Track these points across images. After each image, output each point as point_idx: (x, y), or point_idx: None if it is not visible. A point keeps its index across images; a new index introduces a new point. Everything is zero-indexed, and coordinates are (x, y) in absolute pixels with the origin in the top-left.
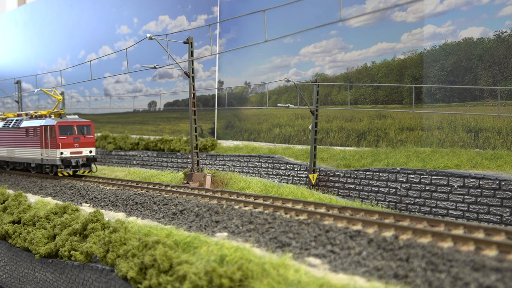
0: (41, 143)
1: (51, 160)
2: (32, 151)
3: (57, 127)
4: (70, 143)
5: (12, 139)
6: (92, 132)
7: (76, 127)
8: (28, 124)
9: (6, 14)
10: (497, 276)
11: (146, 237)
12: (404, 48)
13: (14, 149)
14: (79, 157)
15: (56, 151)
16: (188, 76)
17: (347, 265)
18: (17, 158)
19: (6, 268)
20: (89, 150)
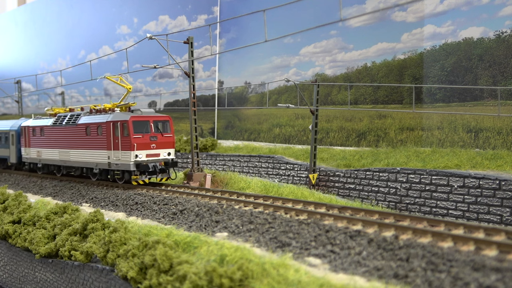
0: (108, 144)
1: (123, 165)
2: (95, 154)
3: (131, 123)
4: (146, 143)
5: (67, 139)
6: (171, 129)
7: (152, 123)
8: (89, 120)
9: (6, 14)
10: (497, 276)
11: (146, 237)
12: (404, 48)
13: (70, 151)
14: (156, 161)
15: (129, 154)
16: (188, 76)
17: (347, 265)
18: (73, 162)
19: (6, 268)
20: (168, 151)
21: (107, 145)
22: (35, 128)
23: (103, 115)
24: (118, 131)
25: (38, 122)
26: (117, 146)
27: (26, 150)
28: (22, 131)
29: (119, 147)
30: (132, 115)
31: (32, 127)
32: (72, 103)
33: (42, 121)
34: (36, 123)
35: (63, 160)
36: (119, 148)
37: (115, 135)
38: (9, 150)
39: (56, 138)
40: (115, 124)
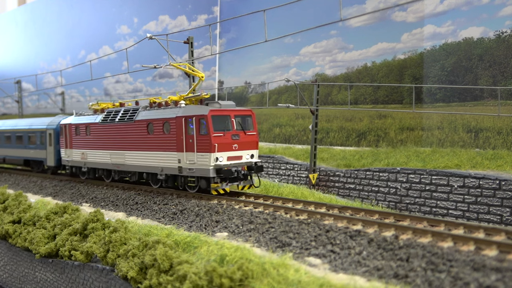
0: (178, 144)
1: (200, 170)
2: (161, 156)
3: (210, 119)
4: (228, 143)
5: (121, 138)
6: (254, 126)
7: (234, 119)
8: (152, 115)
9: (6, 14)
10: (497, 276)
11: (146, 237)
12: (404, 48)
13: (125, 152)
14: (238, 165)
15: (208, 156)
16: (188, 76)
17: (347, 265)
18: (129, 166)
19: (6, 268)
20: (251, 153)
21: (178, 145)
22: (79, 126)
23: (171, 109)
24: (193, 128)
25: (82, 119)
26: (191, 147)
27: (67, 151)
28: (62, 130)
29: (193, 148)
30: (211, 109)
31: (75, 125)
32: (72, 103)
33: (87, 118)
34: (80, 120)
35: (116, 163)
36: (193, 150)
37: (188, 134)
38: (46, 151)
39: (107, 137)
40: (188, 120)
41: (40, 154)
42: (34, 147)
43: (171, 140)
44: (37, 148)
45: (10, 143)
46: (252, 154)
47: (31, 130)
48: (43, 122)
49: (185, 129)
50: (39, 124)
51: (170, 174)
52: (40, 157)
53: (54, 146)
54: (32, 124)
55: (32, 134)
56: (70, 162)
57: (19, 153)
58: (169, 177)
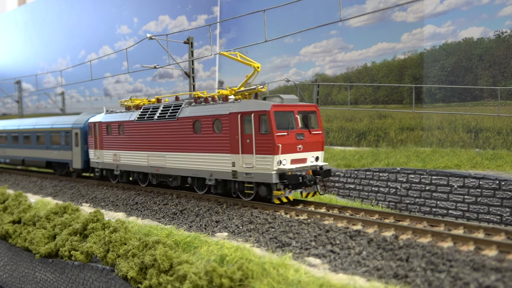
0: (232, 145)
1: (259, 175)
2: (210, 159)
3: (272, 115)
4: (292, 143)
5: (161, 138)
6: (319, 123)
7: (298, 115)
8: (199, 112)
9: (6, 14)
10: (497, 276)
11: (146, 237)
12: (404, 48)
13: (166, 154)
14: (302, 169)
15: (271, 159)
16: (188, 76)
17: (347, 265)
18: (171, 170)
19: (6, 268)
20: (316, 155)
21: (232, 146)
22: (110, 124)
23: (222, 104)
24: (251, 126)
25: (115, 116)
26: (249, 148)
27: (97, 152)
28: (91, 129)
29: (252, 149)
30: (273, 104)
31: (106, 124)
32: (72, 103)
33: (120, 116)
34: (112, 118)
35: (154, 166)
36: (252, 151)
37: (244, 133)
38: (71, 152)
39: (144, 137)
40: (245, 116)
41: (65, 155)
42: (58, 147)
43: (223, 140)
44: (62, 149)
45: (30, 144)
46: (317, 156)
47: (54, 129)
48: (68, 121)
49: (241, 127)
50: (63, 122)
51: (221, 179)
52: (65, 159)
53: (81, 146)
54: (55, 123)
55: (56, 134)
56: (100, 164)
57: (41, 154)
58: (220, 183)
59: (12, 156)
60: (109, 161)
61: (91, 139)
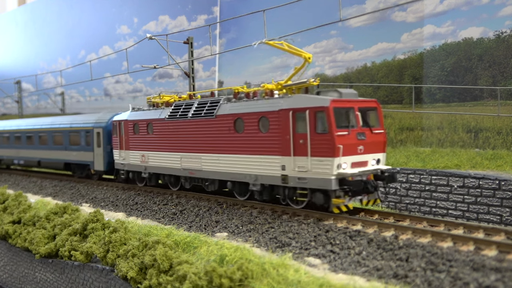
0: (283, 145)
1: (316, 180)
2: (255, 161)
3: (331, 112)
4: (353, 144)
5: (197, 137)
6: (380, 122)
7: (358, 112)
8: (241, 108)
9: (6, 14)
10: (497, 276)
11: (146, 237)
12: (404, 48)
13: (202, 155)
14: (364, 173)
15: (330, 162)
16: (188, 76)
17: (346, 265)
18: (208, 173)
19: (6, 268)
20: (377, 157)
21: (281, 147)
22: (138, 123)
23: (268, 100)
24: (306, 125)
25: (142, 114)
26: (303, 150)
27: (123, 153)
28: (116, 128)
29: (306, 151)
30: (332, 99)
31: (133, 122)
32: (72, 103)
33: (148, 113)
34: (139, 116)
35: (188, 168)
36: (306, 153)
37: (297, 132)
38: (93, 153)
39: (176, 136)
40: (298, 113)
41: (85, 156)
42: (78, 148)
43: (271, 140)
44: (82, 150)
45: (46, 144)
46: (379, 158)
47: (73, 128)
48: (89, 119)
49: (293, 126)
50: (83, 121)
51: (268, 184)
52: (85, 160)
53: (104, 147)
54: (74, 122)
55: (75, 134)
56: (126, 166)
57: (58, 155)
58: (266, 188)
59: (27, 157)
60: (136, 163)
61: (115, 139)
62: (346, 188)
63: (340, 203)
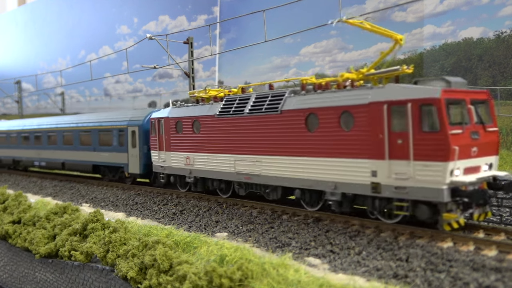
0: (373, 146)
1: (421, 190)
2: (334, 165)
3: (443, 106)
4: (467, 145)
5: (256, 137)
6: (493, 118)
7: (471, 105)
8: (314, 102)
9: (6, 14)
10: (497, 276)
11: (146, 237)
12: (404, 48)
13: (262, 158)
14: (477, 182)
15: (441, 168)
16: (188, 76)
17: (346, 265)
18: (270, 178)
19: (6, 268)
20: (489, 162)
21: (371, 149)
22: (181, 120)
23: (352, 91)
24: (406, 121)
25: (186, 111)
26: (402, 152)
27: (163, 155)
28: (154, 127)
29: (408, 153)
30: (443, 89)
31: (175, 120)
32: (72, 103)
33: (193, 110)
34: (182, 112)
35: (244, 173)
36: (407, 156)
37: (393, 130)
38: (127, 155)
39: (229, 136)
40: (395, 107)
41: (118, 158)
42: (109, 149)
43: (356, 140)
44: (114, 151)
45: (71, 144)
46: (491, 162)
47: (104, 127)
48: (122, 117)
49: (389, 122)
50: (116, 119)
51: (351, 194)
52: (118, 162)
53: (140, 147)
54: (104, 120)
55: (106, 133)
56: (167, 169)
57: (86, 156)
58: (347, 198)
59: (49, 159)
60: (179, 166)
61: (154, 138)
62: (459, 200)
63: (452, 219)
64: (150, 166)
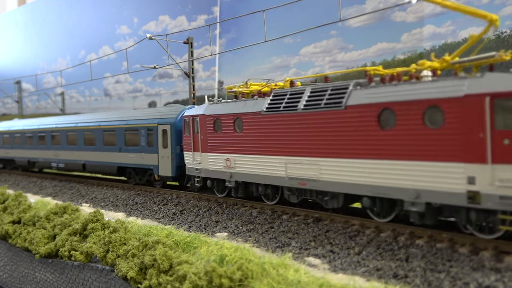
0: (469, 147)
1: None
2: (417, 169)
3: None
4: None
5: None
6: None
7: None
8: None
9: (6, 14)
10: (497, 276)
11: (146, 237)
12: (404, 48)
13: (321, 160)
14: None
15: None
16: (188, 76)
17: (346, 265)
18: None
19: (6, 268)
20: None
21: (468, 150)
22: (220, 118)
23: (437, 82)
24: None
25: (225, 107)
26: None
27: (198, 156)
28: (188, 125)
29: None
30: None
31: (212, 117)
32: (71, 103)
33: (233, 106)
34: (221, 109)
35: (297, 177)
36: None
37: (497, 128)
38: (157, 156)
39: (279, 135)
40: (499, 101)
41: (147, 159)
42: (137, 149)
43: (446, 139)
44: (142, 152)
45: (93, 144)
46: None
47: (130, 126)
48: (151, 114)
49: (491, 119)
50: (144, 117)
51: (441, 204)
52: (147, 164)
53: (172, 148)
54: (131, 118)
55: (133, 132)
56: (203, 172)
57: (109, 157)
58: (432, 209)
59: (68, 160)
60: (218, 168)
61: (187, 138)
62: None
63: None
64: (183, 169)
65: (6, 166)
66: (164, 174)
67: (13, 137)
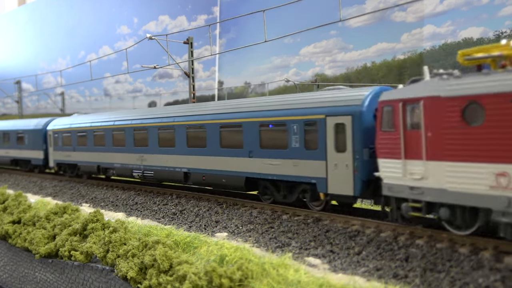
0: None
1: None
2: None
3: None
4: None
5: None
6: None
7: None
8: None
9: (6, 14)
10: (497, 276)
11: (146, 237)
12: (404, 48)
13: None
14: None
15: None
16: (188, 76)
17: (346, 265)
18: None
19: (6, 268)
20: None
21: None
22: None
23: None
24: None
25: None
26: None
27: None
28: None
29: None
30: None
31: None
32: (71, 103)
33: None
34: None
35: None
36: None
37: None
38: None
39: None
40: None
41: (305, 168)
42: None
43: None
44: (294, 157)
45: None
46: None
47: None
48: (310, 101)
49: None
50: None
51: None
52: (305, 176)
53: (355, 151)
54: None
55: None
56: (428, 194)
57: (232, 165)
58: None
59: (161, 167)
60: (472, 190)
61: (390, 137)
62: None
63: None
64: (371, 184)
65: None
66: (337, 191)
67: (75, 136)
